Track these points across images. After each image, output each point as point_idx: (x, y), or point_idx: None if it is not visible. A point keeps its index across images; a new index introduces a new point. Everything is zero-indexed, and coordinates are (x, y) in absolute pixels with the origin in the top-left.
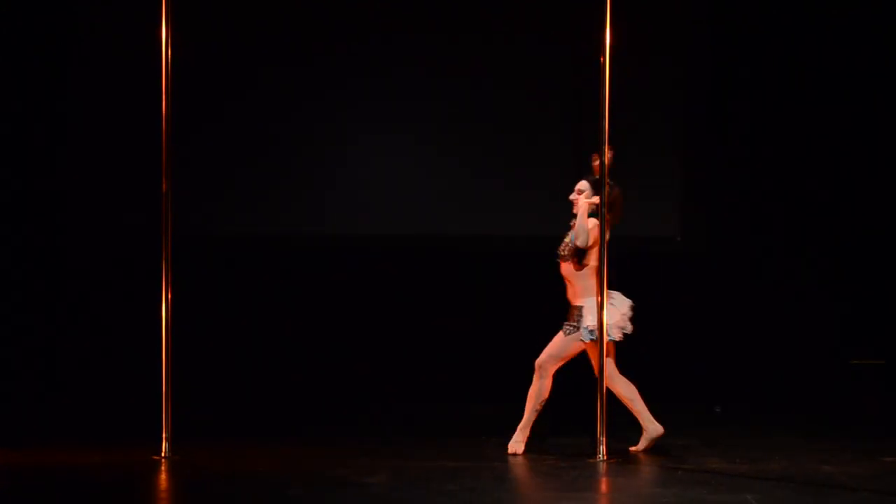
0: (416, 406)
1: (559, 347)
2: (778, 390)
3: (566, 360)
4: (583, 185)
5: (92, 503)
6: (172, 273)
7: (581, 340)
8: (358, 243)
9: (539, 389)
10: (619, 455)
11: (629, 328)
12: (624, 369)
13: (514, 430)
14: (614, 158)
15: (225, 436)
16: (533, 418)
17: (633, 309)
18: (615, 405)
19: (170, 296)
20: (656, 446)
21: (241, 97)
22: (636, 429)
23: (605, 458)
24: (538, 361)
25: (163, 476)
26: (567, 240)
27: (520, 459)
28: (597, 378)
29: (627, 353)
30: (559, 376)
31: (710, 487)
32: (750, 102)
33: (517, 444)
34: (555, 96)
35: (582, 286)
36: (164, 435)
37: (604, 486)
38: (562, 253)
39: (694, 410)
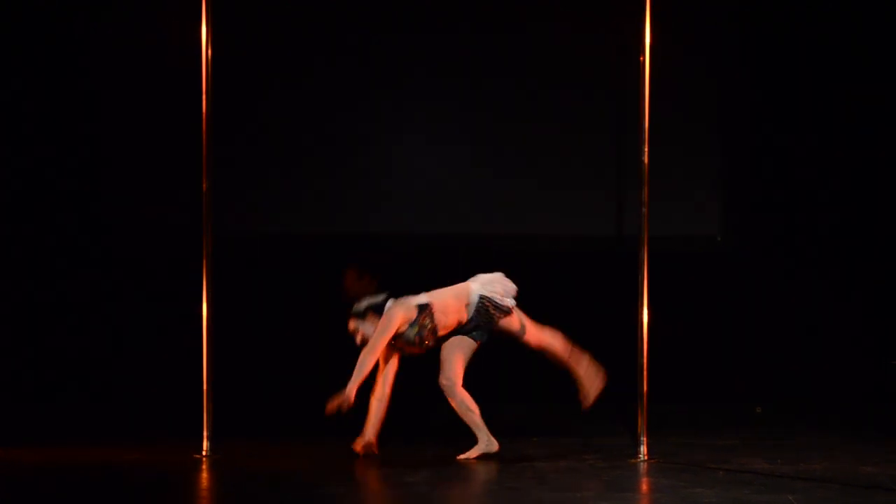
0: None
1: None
2: (818, 390)
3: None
4: (354, 325)
5: (133, 501)
6: (212, 272)
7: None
8: (398, 242)
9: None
10: (661, 455)
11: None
12: (666, 370)
13: (554, 430)
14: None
15: (265, 434)
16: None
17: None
18: (656, 405)
19: (210, 294)
20: (698, 446)
21: (282, 96)
22: (680, 429)
23: (646, 458)
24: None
25: (203, 474)
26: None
27: (561, 460)
28: (639, 376)
29: (667, 353)
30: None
31: (752, 488)
32: (792, 100)
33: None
34: (595, 95)
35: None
36: (204, 433)
37: (645, 487)
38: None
39: (734, 411)
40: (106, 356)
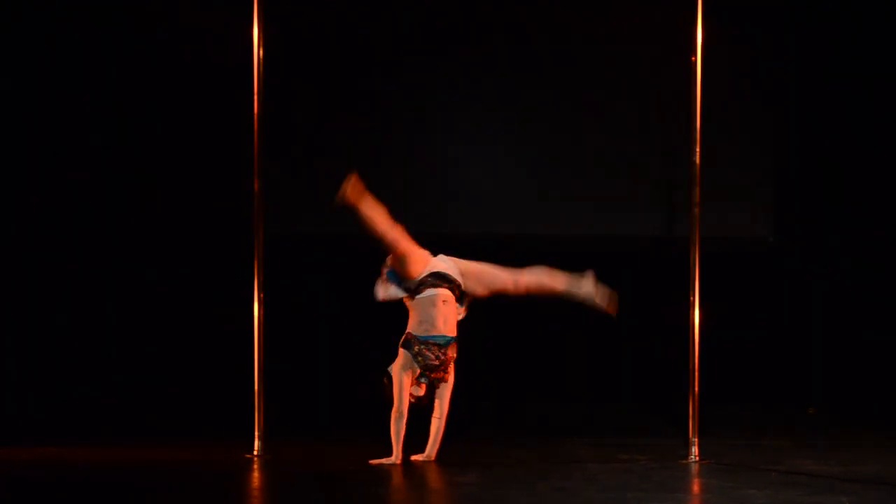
0: (507, 405)
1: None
2: (870, 392)
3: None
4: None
5: (185, 500)
6: (264, 271)
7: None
8: (448, 242)
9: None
10: (712, 456)
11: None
12: (717, 370)
13: (606, 430)
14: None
15: (316, 434)
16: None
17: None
18: (707, 406)
19: (262, 294)
20: (749, 447)
21: (336, 95)
22: (732, 430)
23: (698, 458)
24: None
25: (255, 474)
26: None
27: (611, 460)
28: (690, 377)
29: (719, 354)
30: (651, 378)
31: (803, 489)
32: (845, 100)
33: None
34: (647, 96)
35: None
36: (256, 433)
37: (696, 488)
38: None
39: (787, 412)
40: (159, 357)
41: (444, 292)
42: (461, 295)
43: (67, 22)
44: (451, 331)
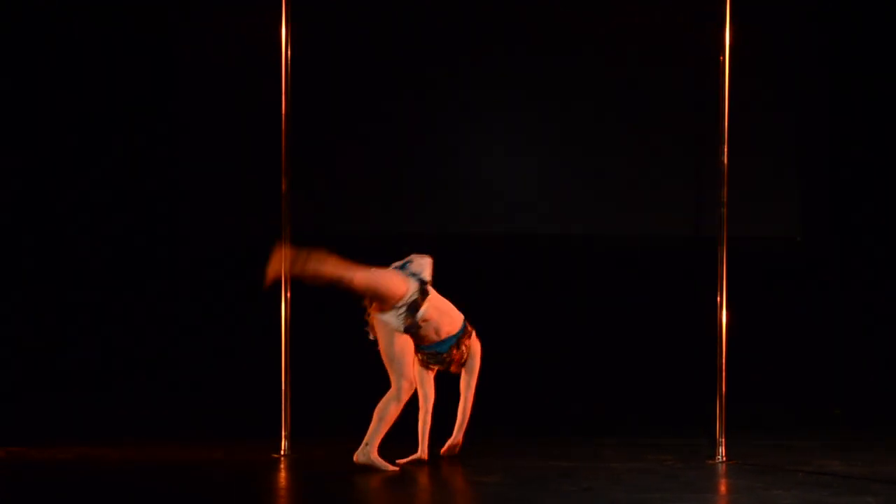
0: (533, 404)
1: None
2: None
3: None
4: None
5: (213, 499)
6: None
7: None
8: (476, 243)
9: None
10: (739, 456)
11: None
12: (744, 371)
13: (632, 430)
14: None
15: (343, 434)
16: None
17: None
18: (734, 406)
19: (289, 294)
20: (776, 447)
21: (367, 96)
22: (758, 430)
23: (724, 459)
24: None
25: (282, 474)
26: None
27: (637, 461)
28: (717, 377)
29: (745, 354)
30: (681, 378)
31: (830, 490)
32: (873, 99)
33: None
34: (674, 96)
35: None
36: (283, 433)
37: (723, 488)
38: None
39: (813, 412)
40: (186, 356)
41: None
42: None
43: (85, 23)
44: (448, 332)
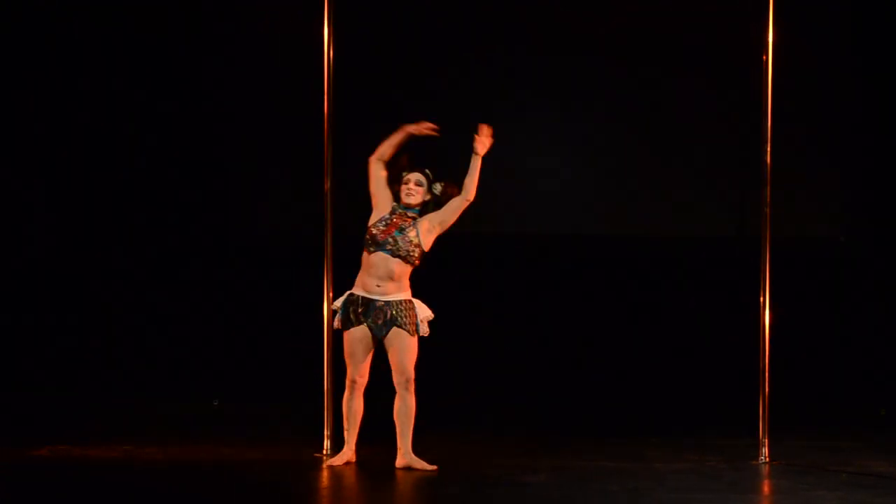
0: (576, 405)
1: (412, 349)
2: None
3: None
4: (421, 178)
5: (254, 499)
6: (334, 271)
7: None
8: (514, 242)
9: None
10: (782, 457)
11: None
12: (788, 371)
13: (676, 430)
14: None
15: (385, 433)
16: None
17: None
18: (777, 405)
19: (332, 293)
20: (820, 448)
21: (406, 94)
22: (802, 431)
23: (768, 459)
24: (406, 377)
25: (323, 473)
26: (412, 238)
27: (681, 461)
28: (761, 378)
29: (789, 354)
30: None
31: (874, 491)
32: None
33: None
34: (718, 96)
35: (407, 282)
36: (325, 433)
37: (766, 489)
38: (408, 253)
39: (858, 413)
40: (229, 356)
41: None
42: None
43: (124, 23)
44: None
